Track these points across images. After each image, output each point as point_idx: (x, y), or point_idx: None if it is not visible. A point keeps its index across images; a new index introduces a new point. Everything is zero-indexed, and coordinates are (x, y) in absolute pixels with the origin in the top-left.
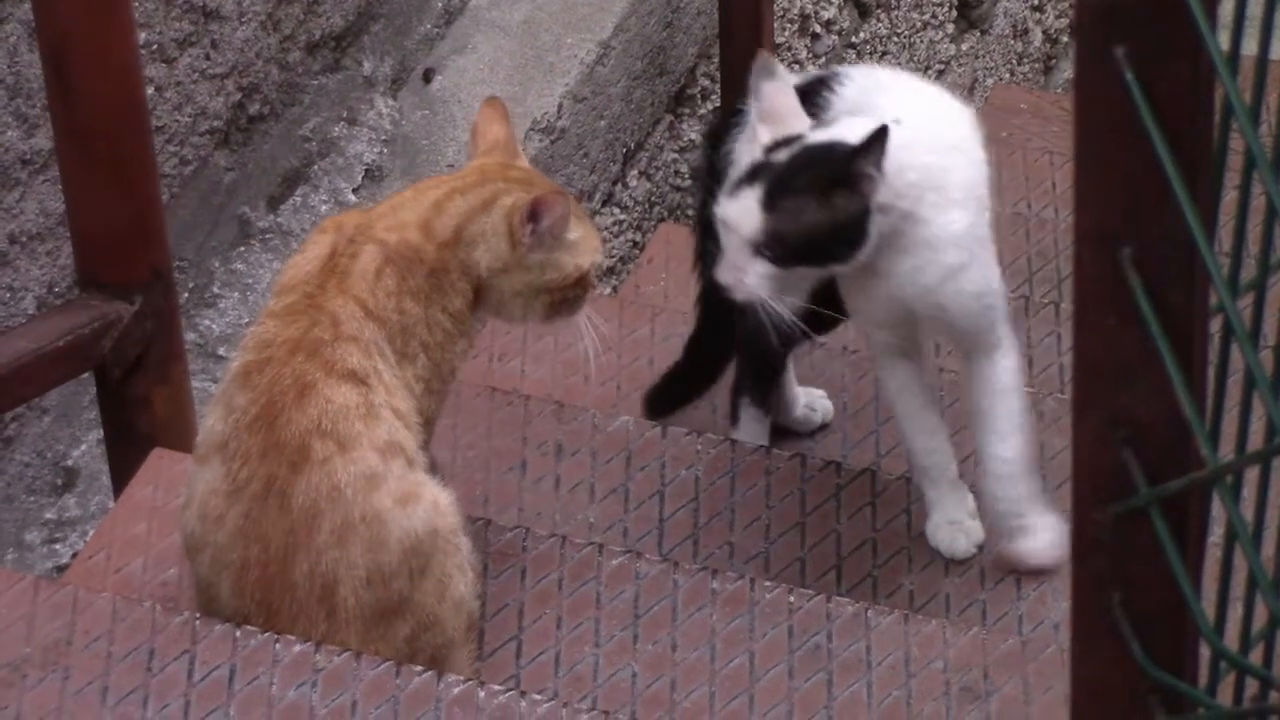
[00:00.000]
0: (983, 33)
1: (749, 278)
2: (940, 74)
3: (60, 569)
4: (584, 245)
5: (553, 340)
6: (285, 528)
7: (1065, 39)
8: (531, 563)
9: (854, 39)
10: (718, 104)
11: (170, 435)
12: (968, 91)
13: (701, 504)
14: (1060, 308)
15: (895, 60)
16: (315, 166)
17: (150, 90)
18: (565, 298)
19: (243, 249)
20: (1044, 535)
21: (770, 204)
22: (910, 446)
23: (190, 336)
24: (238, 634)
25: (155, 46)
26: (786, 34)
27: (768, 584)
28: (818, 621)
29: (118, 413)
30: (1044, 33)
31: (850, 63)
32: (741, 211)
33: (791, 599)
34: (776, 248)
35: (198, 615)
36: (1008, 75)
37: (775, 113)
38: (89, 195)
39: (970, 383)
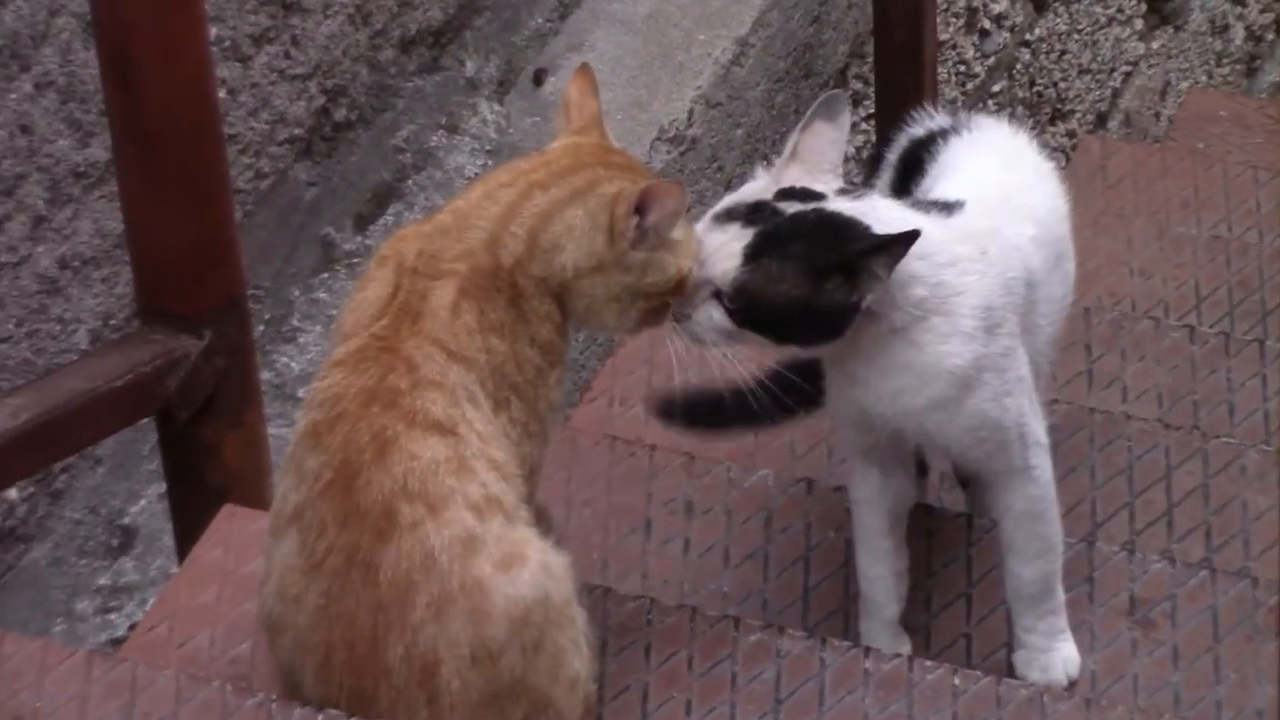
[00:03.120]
0: (1176, 29)
1: (697, 319)
2: (1128, 76)
3: (116, 642)
4: (685, 246)
5: (682, 383)
6: (373, 604)
7: (1271, 36)
8: (657, 638)
9: (1028, 36)
10: (872, 110)
11: (243, 488)
12: (1159, 96)
13: (851, 571)
14: (1265, 345)
15: (1076, 60)
16: (410, 181)
17: (223, 93)
18: (663, 304)
19: (326, 275)
20: (1056, 670)
21: (753, 254)
22: (858, 565)
23: (266, 375)
24: (319, 718)
25: (228, 43)
26: (951, 30)
27: (928, 663)
28: (986, 707)
29: (183, 462)
30: (1246, 29)
31: (1024, 63)
32: (720, 246)
33: (956, 681)
34: (739, 302)
35: (273, 697)
36: (1205, 78)
37: (812, 157)
38: (152, 213)
39: (991, 498)
